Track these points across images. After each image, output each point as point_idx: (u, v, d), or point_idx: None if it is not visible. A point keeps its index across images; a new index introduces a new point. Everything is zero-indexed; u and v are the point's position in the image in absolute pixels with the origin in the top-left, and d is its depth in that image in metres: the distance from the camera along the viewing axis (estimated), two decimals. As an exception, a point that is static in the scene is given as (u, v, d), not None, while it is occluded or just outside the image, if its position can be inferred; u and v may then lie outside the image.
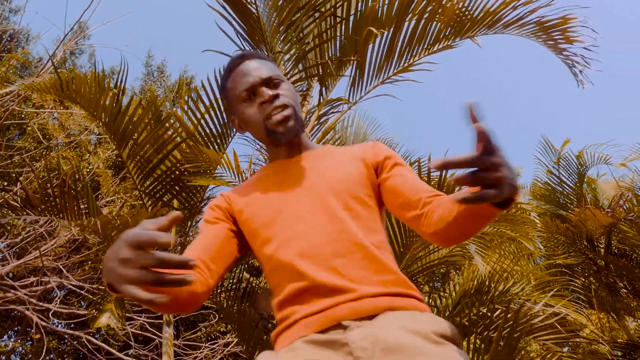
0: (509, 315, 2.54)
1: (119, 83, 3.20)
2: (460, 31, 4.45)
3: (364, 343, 1.00)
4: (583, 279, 6.36)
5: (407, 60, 4.61)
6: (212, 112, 3.63)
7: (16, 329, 9.17)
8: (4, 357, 9.22)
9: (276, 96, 1.29)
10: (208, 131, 3.66)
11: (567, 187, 6.95)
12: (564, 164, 6.74)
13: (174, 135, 3.45)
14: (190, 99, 3.52)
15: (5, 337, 9.45)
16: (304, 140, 1.38)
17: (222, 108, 3.66)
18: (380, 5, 4.27)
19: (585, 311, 6.24)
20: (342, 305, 1.08)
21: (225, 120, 3.72)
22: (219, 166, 3.71)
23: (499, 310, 2.75)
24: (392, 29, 4.40)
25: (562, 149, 6.69)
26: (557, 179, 6.90)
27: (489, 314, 2.82)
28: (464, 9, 4.26)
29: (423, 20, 4.33)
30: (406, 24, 4.37)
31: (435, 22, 4.33)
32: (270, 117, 1.28)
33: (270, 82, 1.32)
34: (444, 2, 4.25)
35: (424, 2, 4.23)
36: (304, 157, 1.34)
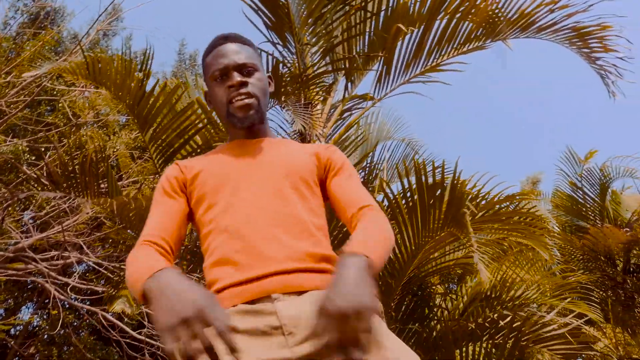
0: (516, 324, 2.51)
1: (144, 67, 3.24)
2: (492, 32, 4.37)
3: (292, 314, 1.07)
4: (600, 292, 6.24)
5: (436, 60, 4.55)
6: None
7: (35, 300, 9.40)
8: (20, 328, 9.46)
9: (244, 83, 1.35)
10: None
11: (590, 200, 6.79)
12: (586, 175, 6.59)
13: (197, 121, 3.48)
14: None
15: (24, 308, 9.69)
16: (265, 128, 1.45)
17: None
18: (412, 2, 4.22)
19: (600, 325, 6.12)
20: (274, 278, 1.13)
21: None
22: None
23: (510, 317, 2.72)
24: (422, 27, 4.35)
25: (587, 161, 6.54)
26: (580, 191, 6.76)
27: (499, 320, 2.79)
28: (497, 10, 4.19)
29: (455, 20, 4.27)
30: (437, 22, 4.32)
31: (467, 22, 4.27)
32: (233, 101, 1.35)
33: (244, 69, 1.38)
34: (477, 2, 4.18)
35: (457, 0, 4.17)
36: (263, 140, 1.41)
